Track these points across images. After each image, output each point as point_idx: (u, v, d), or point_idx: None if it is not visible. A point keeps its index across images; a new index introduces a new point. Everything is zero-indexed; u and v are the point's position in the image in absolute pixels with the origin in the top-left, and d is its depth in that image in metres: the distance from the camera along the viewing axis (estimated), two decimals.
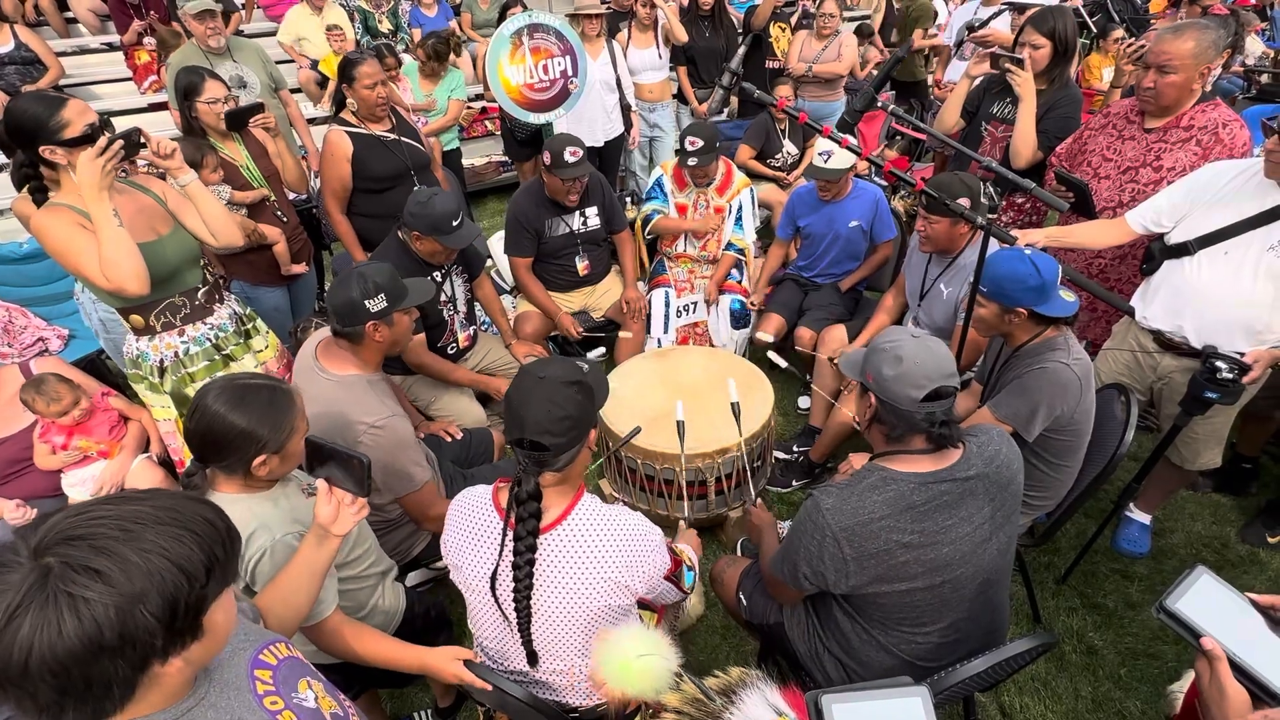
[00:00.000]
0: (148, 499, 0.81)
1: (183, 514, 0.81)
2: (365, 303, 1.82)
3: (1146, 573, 2.51)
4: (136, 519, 0.78)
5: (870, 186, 3.23)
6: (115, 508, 0.78)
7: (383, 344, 1.92)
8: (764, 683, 0.96)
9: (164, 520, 0.79)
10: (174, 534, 0.79)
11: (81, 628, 0.71)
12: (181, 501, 0.84)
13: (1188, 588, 0.92)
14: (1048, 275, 1.84)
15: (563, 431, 1.28)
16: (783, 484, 2.93)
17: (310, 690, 1.04)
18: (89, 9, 5.88)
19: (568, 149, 2.88)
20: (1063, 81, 2.85)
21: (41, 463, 2.48)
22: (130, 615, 0.73)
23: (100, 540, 0.75)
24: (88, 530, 0.75)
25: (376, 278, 1.85)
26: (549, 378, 1.31)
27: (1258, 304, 1.96)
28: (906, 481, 1.39)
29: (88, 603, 0.71)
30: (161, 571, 0.76)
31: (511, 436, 1.31)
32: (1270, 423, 2.72)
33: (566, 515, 1.35)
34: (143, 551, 0.76)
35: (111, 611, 0.72)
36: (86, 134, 1.82)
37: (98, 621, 0.71)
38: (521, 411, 1.29)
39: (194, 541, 0.80)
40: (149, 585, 0.75)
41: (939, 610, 1.46)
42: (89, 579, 0.72)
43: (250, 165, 2.89)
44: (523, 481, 1.29)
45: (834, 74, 4.92)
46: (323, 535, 1.29)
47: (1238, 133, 2.28)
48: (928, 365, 1.36)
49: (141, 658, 0.76)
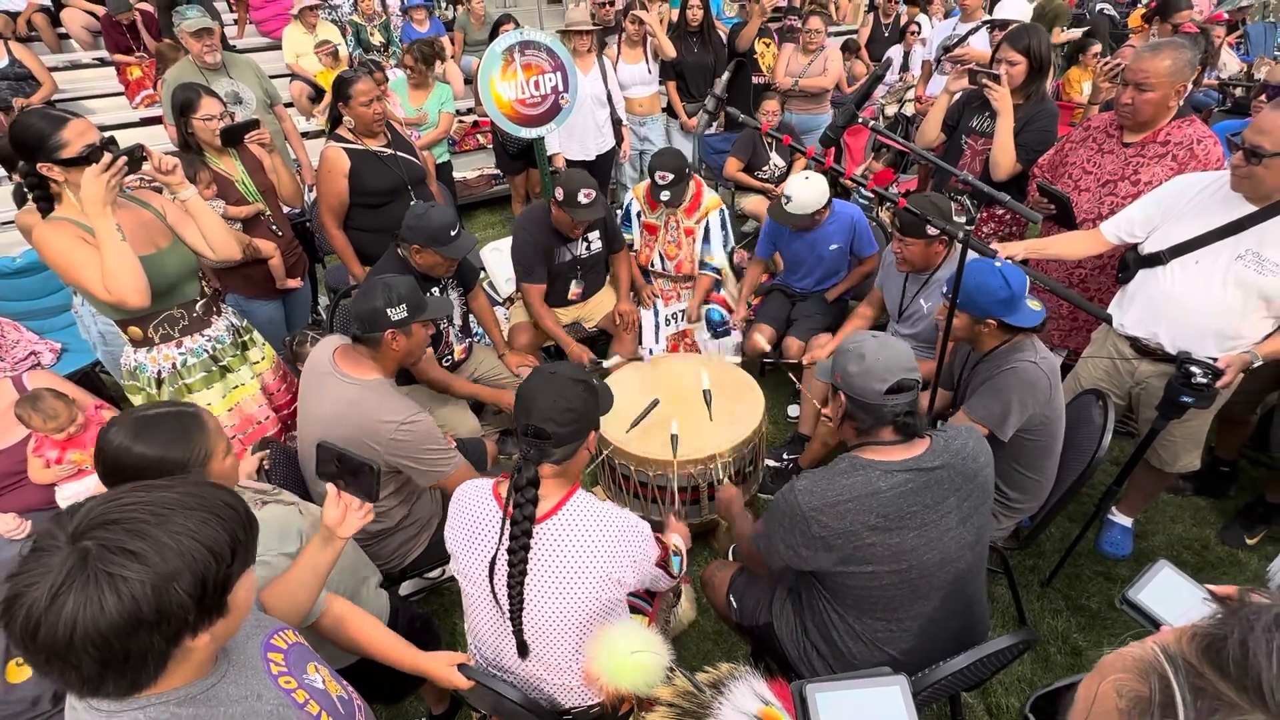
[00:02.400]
0: (174, 486, 0.87)
1: (207, 499, 0.87)
2: (388, 311, 1.90)
3: (1129, 575, 2.56)
4: (165, 504, 0.83)
5: (847, 207, 3.22)
6: (145, 494, 0.84)
7: (399, 353, 1.98)
8: (752, 675, 1.00)
9: (190, 505, 0.85)
10: (201, 517, 0.85)
11: (121, 604, 0.76)
12: (204, 488, 0.89)
13: (1150, 580, 0.97)
14: (1017, 288, 1.94)
15: (567, 422, 1.39)
16: (772, 491, 2.97)
17: (318, 673, 1.10)
18: (81, 25, 5.92)
19: (582, 190, 2.81)
20: (1039, 96, 2.93)
21: (35, 477, 2.48)
22: (166, 592, 0.79)
23: (134, 524, 0.80)
24: (121, 515, 0.81)
25: (400, 288, 1.94)
26: (559, 374, 1.44)
27: (1228, 311, 2.02)
28: (874, 469, 1.47)
29: (126, 581, 0.77)
30: (192, 552, 0.82)
31: (519, 423, 1.41)
32: (1246, 426, 2.79)
33: (560, 507, 1.42)
34: (174, 534, 0.81)
35: (149, 589, 0.78)
36: (83, 155, 1.86)
37: (136, 599, 0.77)
38: (530, 401, 1.40)
39: (219, 524, 0.86)
40: (181, 564, 0.81)
41: (909, 598, 1.52)
42: (126, 559, 0.78)
43: (246, 180, 2.92)
44: (523, 469, 1.37)
45: (820, 88, 5.01)
46: (328, 537, 1.33)
47: (1211, 149, 2.36)
48: (889, 360, 1.47)
49: (175, 632, 0.82)
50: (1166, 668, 0.49)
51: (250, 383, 2.41)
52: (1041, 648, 2.32)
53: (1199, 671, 0.48)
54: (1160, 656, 0.49)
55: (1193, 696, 0.47)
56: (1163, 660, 0.49)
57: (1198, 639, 0.49)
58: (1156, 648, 0.50)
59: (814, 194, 2.97)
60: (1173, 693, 0.47)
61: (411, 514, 2.15)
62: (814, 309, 3.31)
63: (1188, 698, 0.47)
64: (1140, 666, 0.50)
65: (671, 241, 3.41)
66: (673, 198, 3.17)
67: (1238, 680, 0.46)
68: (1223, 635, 0.48)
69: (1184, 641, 0.50)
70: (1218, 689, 0.46)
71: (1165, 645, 0.50)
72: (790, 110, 5.05)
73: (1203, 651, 0.48)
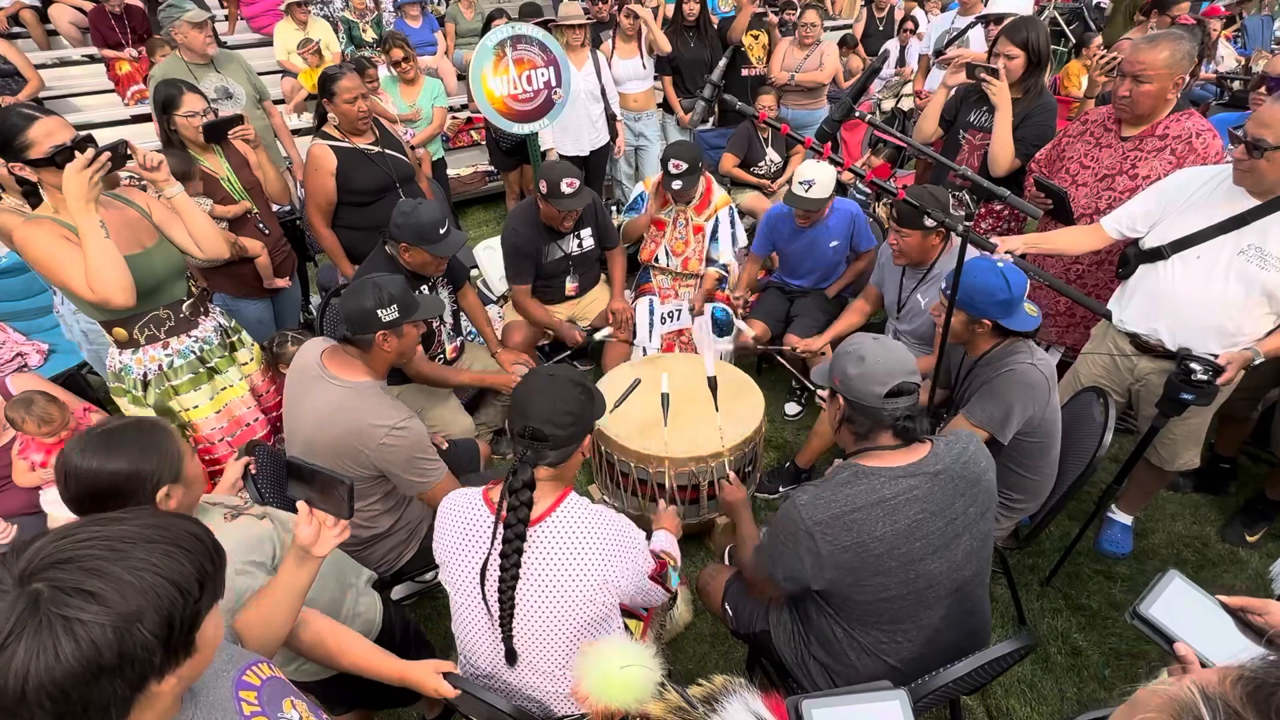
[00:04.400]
0: (131, 518, 0.80)
1: (170, 530, 0.81)
2: (378, 312, 1.86)
3: (1129, 573, 2.54)
4: (125, 538, 0.77)
5: (847, 203, 3.22)
6: (101, 529, 0.77)
7: (390, 354, 1.95)
8: (746, 689, 0.97)
9: (152, 538, 0.78)
10: (164, 550, 0.78)
11: (80, 650, 0.69)
12: (164, 518, 0.83)
13: (1160, 592, 0.94)
14: (1017, 290, 1.91)
15: (564, 425, 1.38)
16: (770, 490, 2.94)
17: (294, 710, 1.04)
18: (70, 21, 5.84)
19: (564, 180, 2.82)
20: (1037, 90, 2.90)
21: (20, 480, 2.44)
22: (129, 634, 0.72)
23: (90, 562, 0.73)
24: (75, 552, 0.74)
25: (391, 288, 1.90)
26: (558, 376, 1.44)
27: (1229, 306, 1.99)
28: (877, 476, 1.44)
29: (84, 624, 0.70)
30: (156, 588, 0.75)
31: (515, 426, 1.39)
32: (1247, 423, 2.77)
33: (553, 510, 1.40)
34: (135, 570, 0.75)
35: (109, 632, 0.71)
36: (49, 157, 1.81)
37: (96, 643, 0.70)
38: (528, 403, 1.39)
39: (184, 556, 0.79)
40: (145, 603, 0.74)
41: (914, 608, 1.49)
42: (83, 601, 0.71)
43: (231, 177, 2.87)
44: (519, 471, 1.35)
45: (816, 82, 4.98)
46: (303, 556, 1.27)
47: (1210, 142, 2.33)
48: (889, 363, 1.44)
49: (140, 676, 0.75)
50: (1204, 711, 0.46)
51: (239, 384, 2.37)
52: (1041, 647, 2.30)
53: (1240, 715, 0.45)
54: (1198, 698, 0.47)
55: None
56: (1200, 704, 0.46)
57: (1243, 682, 0.47)
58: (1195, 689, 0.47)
59: (828, 174, 2.96)
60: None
61: (402, 519, 2.11)
62: (815, 305, 3.28)
63: None
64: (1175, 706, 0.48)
65: (679, 238, 3.38)
66: (684, 188, 3.15)
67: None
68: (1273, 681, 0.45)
69: (1227, 683, 0.47)
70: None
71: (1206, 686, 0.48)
72: (786, 105, 5.01)
73: (1248, 696, 0.46)
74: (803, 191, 2.98)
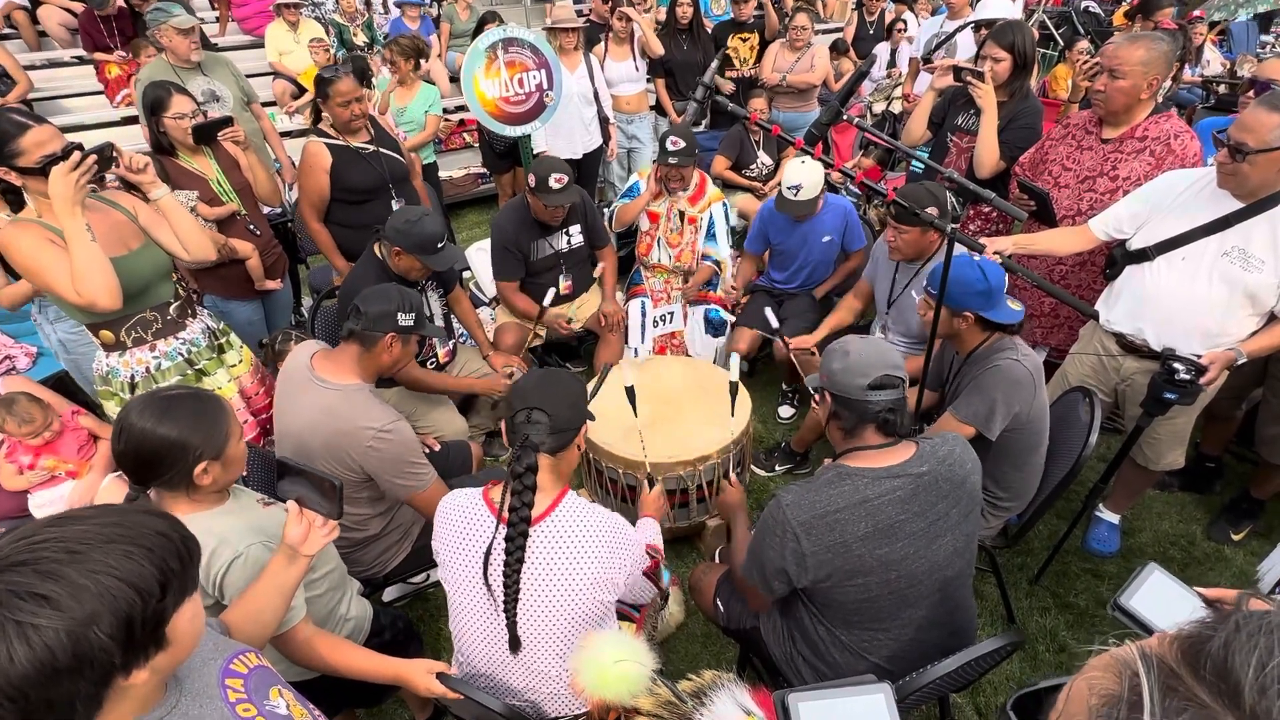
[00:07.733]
0: (93, 517, 0.80)
1: (131, 529, 0.80)
2: (398, 315, 1.92)
3: (1116, 571, 2.56)
4: (82, 539, 0.76)
5: (839, 199, 3.26)
6: (59, 529, 0.77)
7: (387, 360, 1.98)
8: (734, 684, 0.98)
9: (111, 538, 0.78)
10: (123, 551, 0.77)
11: (34, 654, 0.69)
12: (129, 516, 0.82)
13: (1140, 584, 0.96)
14: (994, 282, 1.94)
15: (564, 407, 1.42)
16: (767, 466, 2.97)
17: (281, 698, 1.04)
18: (59, 23, 5.82)
19: (553, 175, 2.83)
20: (1023, 94, 2.93)
21: (8, 483, 2.42)
22: (83, 638, 0.72)
23: (45, 565, 0.73)
24: (31, 555, 0.73)
25: (411, 298, 1.98)
26: (553, 369, 1.49)
27: (1213, 307, 2.02)
28: (861, 476, 1.45)
29: (37, 629, 0.70)
30: (112, 591, 0.75)
31: (515, 408, 1.41)
32: (1232, 422, 2.80)
33: (553, 509, 1.42)
34: (91, 573, 0.74)
35: (63, 636, 0.71)
36: (39, 167, 1.80)
37: (50, 646, 0.70)
38: (528, 388, 1.44)
39: (145, 556, 0.79)
40: (100, 606, 0.73)
41: (897, 607, 1.50)
42: (36, 605, 0.71)
43: (221, 179, 2.86)
44: (522, 456, 1.37)
45: (807, 84, 5.00)
46: (292, 555, 1.28)
47: (1188, 143, 2.36)
48: (872, 356, 1.49)
49: (102, 674, 0.75)
50: (1139, 666, 0.48)
51: (227, 386, 2.36)
52: (1030, 645, 2.31)
53: (1174, 672, 0.47)
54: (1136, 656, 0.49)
55: (1161, 695, 0.46)
56: (1137, 659, 0.49)
57: (1180, 640, 0.49)
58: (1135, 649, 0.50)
59: (814, 175, 3.00)
60: (1141, 691, 0.47)
61: (394, 521, 2.11)
62: (803, 307, 3.29)
63: (1156, 696, 0.46)
64: (1116, 665, 0.50)
65: (674, 230, 3.39)
66: (680, 162, 3.19)
67: (1213, 683, 0.45)
68: (1206, 637, 0.47)
69: (1165, 643, 0.49)
70: (1190, 690, 0.46)
71: (1145, 646, 0.50)
72: (778, 108, 5.03)
73: (1183, 653, 0.48)
74: (792, 196, 3.01)
